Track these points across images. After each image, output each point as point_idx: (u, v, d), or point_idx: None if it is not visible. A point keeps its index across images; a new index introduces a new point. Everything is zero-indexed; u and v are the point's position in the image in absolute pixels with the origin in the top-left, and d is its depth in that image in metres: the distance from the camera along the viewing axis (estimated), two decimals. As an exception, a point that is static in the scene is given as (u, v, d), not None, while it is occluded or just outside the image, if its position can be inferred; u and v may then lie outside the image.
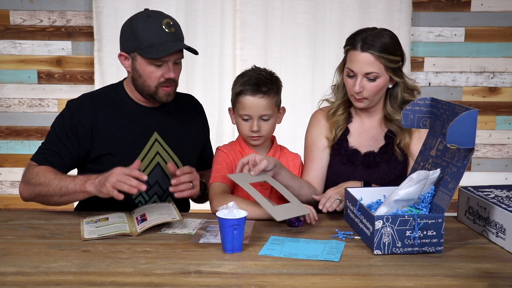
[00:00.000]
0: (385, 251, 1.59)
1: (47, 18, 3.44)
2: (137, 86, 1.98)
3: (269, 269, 1.50)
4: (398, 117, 2.01)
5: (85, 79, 3.49)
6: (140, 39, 1.89)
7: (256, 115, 1.96)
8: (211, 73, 3.42)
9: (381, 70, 1.94)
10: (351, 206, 1.80)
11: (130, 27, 1.92)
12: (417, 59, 3.49)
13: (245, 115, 1.96)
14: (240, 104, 1.97)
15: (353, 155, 2.05)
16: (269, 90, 1.96)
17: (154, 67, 1.91)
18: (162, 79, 1.93)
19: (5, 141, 3.56)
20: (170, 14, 3.22)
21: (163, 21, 1.91)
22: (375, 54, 1.92)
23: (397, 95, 2.03)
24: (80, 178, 1.84)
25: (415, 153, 1.99)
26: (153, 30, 1.89)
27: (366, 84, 1.96)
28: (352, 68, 1.96)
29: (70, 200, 1.90)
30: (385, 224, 1.57)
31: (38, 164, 1.96)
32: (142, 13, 1.96)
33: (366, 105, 2.01)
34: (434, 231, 1.59)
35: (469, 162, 1.62)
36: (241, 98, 1.96)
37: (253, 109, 1.95)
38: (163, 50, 1.88)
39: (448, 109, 1.71)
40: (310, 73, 3.41)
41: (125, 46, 1.95)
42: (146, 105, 2.03)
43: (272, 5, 3.36)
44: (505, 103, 3.56)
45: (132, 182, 1.71)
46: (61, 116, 2.00)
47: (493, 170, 3.60)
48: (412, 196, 1.69)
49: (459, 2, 3.44)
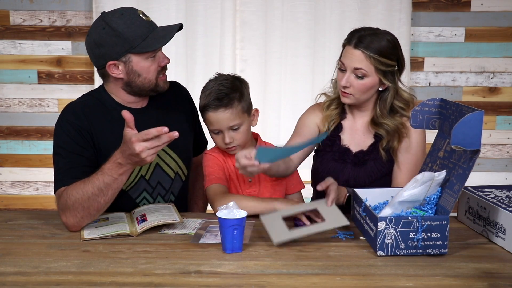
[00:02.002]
0: (388, 253, 1.58)
1: (47, 18, 3.44)
2: (134, 88, 1.92)
3: (269, 269, 1.50)
4: (384, 121, 2.02)
5: (85, 79, 3.49)
6: (130, 39, 1.83)
7: (225, 128, 1.93)
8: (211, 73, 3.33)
9: (371, 70, 1.95)
10: (357, 207, 1.81)
11: (111, 32, 1.82)
12: (417, 59, 3.49)
13: (214, 130, 1.96)
14: (206, 120, 1.96)
15: (345, 153, 2.07)
16: (231, 100, 1.91)
17: (150, 60, 1.89)
18: (159, 68, 1.92)
19: (5, 141, 3.56)
20: (170, 14, 3.34)
21: (138, 12, 1.87)
22: (366, 53, 1.93)
23: (386, 99, 2.03)
24: (108, 168, 1.71)
25: (401, 161, 2.00)
26: (137, 24, 1.84)
27: (353, 80, 1.97)
28: (343, 61, 1.99)
29: (116, 191, 1.75)
30: (388, 226, 1.57)
31: (66, 187, 1.79)
32: (112, 15, 1.85)
33: (352, 102, 2.02)
34: (439, 233, 1.58)
35: (474, 164, 1.60)
36: (205, 114, 1.95)
37: (220, 124, 1.93)
38: (162, 37, 1.86)
39: (456, 110, 1.70)
40: (310, 73, 3.41)
41: (112, 54, 1.85)
42: (135, 107, 1.97)
43: (272, 5, 3.36)
44: (505, 103, 3.56)
45: (163, 141, 1.63)
46: (60, 133, 1.88)
47: (493, 170, 3.60)
48: (417, 198, 1.69)
49: (459, 2, 3.44)
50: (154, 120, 1.97)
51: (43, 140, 3.51)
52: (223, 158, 2.03)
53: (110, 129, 1.90)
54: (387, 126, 2.02)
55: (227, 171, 2.02)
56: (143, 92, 1.95)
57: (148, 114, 1.98)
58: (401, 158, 2.03)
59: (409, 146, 2.03)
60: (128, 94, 1.96)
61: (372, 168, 2.04)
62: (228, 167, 2.02)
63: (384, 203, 1.85)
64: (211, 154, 2.04)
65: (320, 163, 2.11)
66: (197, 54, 3.39)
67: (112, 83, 1.94)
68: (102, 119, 1.92)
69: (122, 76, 1.90)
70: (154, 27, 1.89)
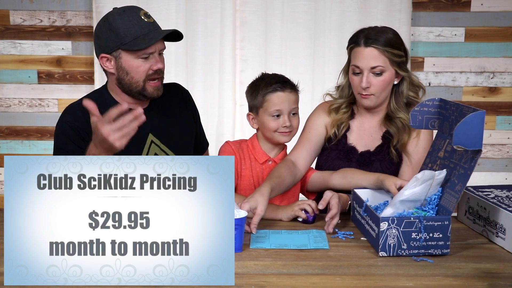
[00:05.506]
0: (390, 253, 1.58)
1: (47, 18, 3.44)
2: (124, 85, 1.92)
3: (269, 269, 1.50)
4: (400, 114, 2.02)
5: (85, 79, 3.49)
6: (122, 35, 1.85)
7: (287, 110, 1.99)
8: (211, 73, 3.41)
9: (386, 64, 1.95)
10: (357, 208, 1.80)
11: (108, 26, 1.86)
12: (417, 59, 3.49)
13: (275, 111, 1.98)
14: (269, 102, 1.99)
15: (350, 152, 2.06)
16: (293, 86, 2.03)
17: (141, 60, 1.88)
18: (150, 71, 1.89)
19: (5, 141, 3.56)
20: (170, 14, 3.34)
21: (140, 13, 1.88)
22: (379, 48, 1.93)
23: (402, 92, 2.03)
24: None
25: (411, 154, 1.99)
26: (133, 23, 1.85)
27: (372, 79, 1.96)
28: (357, 64, 1.96)
29: None
30: (391, 226, 1.57)
31: None
32: (115, 10, 1.90)
33: (373, 103, 2.01)
34: (440, 233, 1.58)
35: (476, 164, 1.59)
36: (270, 96, 1.99)
37: (284, 104, 1.99)
38: (150, 39, 1.85)
39: (456, 110, 1.69)
40: (310, 73, 3.41)
41: (105, 47, 1.89)
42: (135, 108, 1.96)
43: (272, 5, 3.36)
44: (505, 103, 3.56)
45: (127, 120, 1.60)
46: (59, 134, 1.91)
47: (493, 170, 3.60)
48: (418, 197, 1.69)
49: (459, 2, 3.44)
50: (155, 122, 1.98)
51: (43, 140, 3.51)
52: (241, 154, 2.04)
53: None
54: (402, 120, 2.01)
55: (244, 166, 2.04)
56: (132, 93, 1.94)
57: (148, 116, 1.98)
58: (410, 150, 2.01)
59: (417, 144, 2.02)
60: (125, 94, 1.96)
61: (377, 169, 2.02)
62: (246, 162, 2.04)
63: (384, 203, 1.85)
64: (231, 146, 2.06)
65: (325, 161, 2.10)
66: (197, 54, 3.39)
67: (110, 79, 1.97)
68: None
69: (113, 71, 1.92)
70: (153, 29, 1.89)
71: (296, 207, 1.86)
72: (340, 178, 2.00)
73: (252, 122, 2.07)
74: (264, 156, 2.05)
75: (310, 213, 1.84)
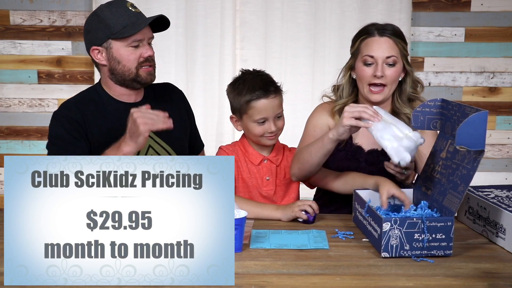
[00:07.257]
0: (392, 254, 1.58)
1: (47, 18, 3.44)
2: (117, 76, 1.96)
3: (269, 269, 1.50)
4: (406, 110, 2.02)
5: (85, 79, 3.49)
6: (111, 25, 1.90)
7: (272, 116, 1.97)
8: (211, 73, 3.41)
9: (398, 55, 1.97)
10: (359, 208, 1.80)
11: (97, 19, 1.92)
12: (417, 59, 3.49)
13: (261, 119, 1.96)
14: (254, 110, 1.96)
15: (357, 152, 2.06)
16: (277, 88, 1.99)
17: (131, 48, 1.92)
18: (141, 59, 1.94)
19: (5, 141, 3.56)
20: (170, 14, 3.33)
21: (127, 4, 1.94)
22: (393, 38, 1.96)
23: (406, 88, 2.04)
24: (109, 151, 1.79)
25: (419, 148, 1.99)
26: (121, 13, 1.91)
27: (386, 69, 1.96)
28: (372, 54, 1.96)
29: None
30: (393, 227, 1.56)
31: None
32: (102, 5, 1.96)
33: (383, 97, 2.00)
34: (443, 234, 1.57)
35: (478, 164, 1.58)
36: (254, 104, 1.95)
37: (269, 111, 1.96)
38: (139, 25, 1.90)
39: (458, 110, 1.69)
40: (310, 73, 3.41)
41: (95, 39, 1.93)
42: (128, 100, 2.00)
43: (272, 5, 3.36)
44: (505, 103, 3.56)
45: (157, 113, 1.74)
46: (54, 125, 1.94)
47: (493, 170, 3.60)
48: (396, 122, 1.75)
49: (459, 2, 3.44)
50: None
51: (43, 140, 3.50)
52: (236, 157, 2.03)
53: (103, 121, 1.95)
54: (408, 115, 2.00)
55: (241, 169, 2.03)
56: (126, 82, 1.97)
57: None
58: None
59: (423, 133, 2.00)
60: (118, 85, 1.99)
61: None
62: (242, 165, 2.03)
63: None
64: (225, 151, 2.05)
65: (332, 162, 2.07)
66: (197, 54, 3.39)
67: (102, 72, 2.00)
68: (95, 112, 1.96)
69: (105, 63, 1.95)
70: (141, 17, 1.94)
71: (296, 208, 1.86)
72: (343, 184, 2.00)
73: (236, 124, 2.05)
74: (259, 157, 2.04)
75: (311, 214, 1.84)
